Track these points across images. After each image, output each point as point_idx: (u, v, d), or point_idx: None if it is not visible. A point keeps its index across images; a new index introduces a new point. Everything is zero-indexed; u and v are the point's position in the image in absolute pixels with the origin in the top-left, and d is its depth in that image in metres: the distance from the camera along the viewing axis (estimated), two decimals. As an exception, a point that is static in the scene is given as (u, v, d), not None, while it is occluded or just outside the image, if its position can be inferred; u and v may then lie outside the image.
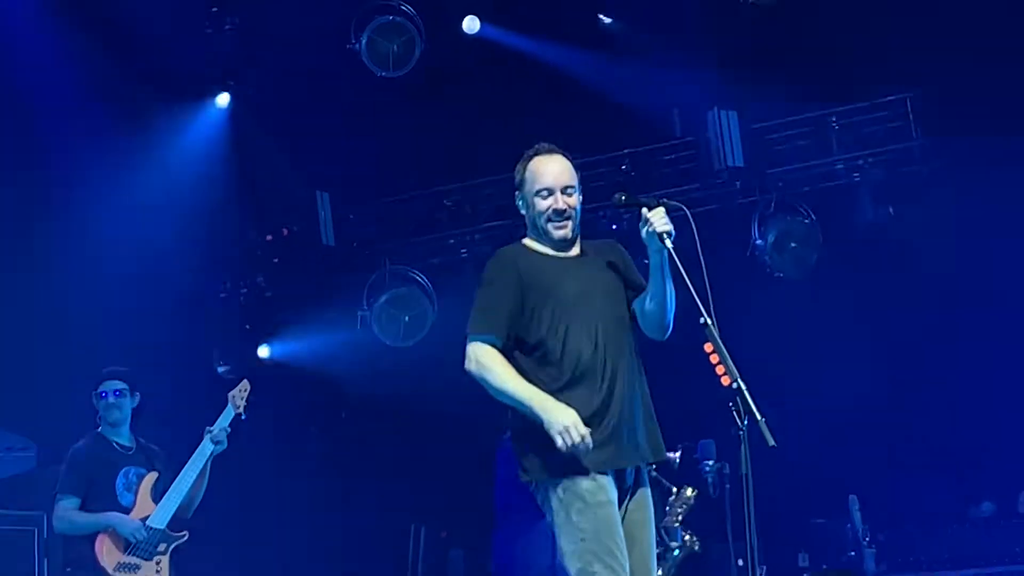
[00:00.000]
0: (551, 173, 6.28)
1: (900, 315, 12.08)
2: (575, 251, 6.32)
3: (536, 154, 6.36)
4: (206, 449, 8.80)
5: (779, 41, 11.34)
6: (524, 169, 6.34)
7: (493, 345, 6.05)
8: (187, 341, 12.91)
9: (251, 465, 11.00)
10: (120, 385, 8.88)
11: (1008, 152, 11.10)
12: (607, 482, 5.99)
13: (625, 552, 5.93)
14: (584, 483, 5.94)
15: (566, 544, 5.96)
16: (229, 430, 8.87)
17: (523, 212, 6.37)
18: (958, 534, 11.08)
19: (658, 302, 6.18)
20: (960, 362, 11.91)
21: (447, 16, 12.16)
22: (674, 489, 9.71)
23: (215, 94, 12.71)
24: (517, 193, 6.38)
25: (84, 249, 11.75)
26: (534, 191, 6.26)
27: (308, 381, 13.56)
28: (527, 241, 6.36)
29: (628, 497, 6.16)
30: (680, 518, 9.72)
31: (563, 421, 5.84)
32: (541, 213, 6.24)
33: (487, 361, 6.03)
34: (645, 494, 6.23)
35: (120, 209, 11.89)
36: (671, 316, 6.24)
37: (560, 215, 6.23)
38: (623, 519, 6.08)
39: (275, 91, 12.54)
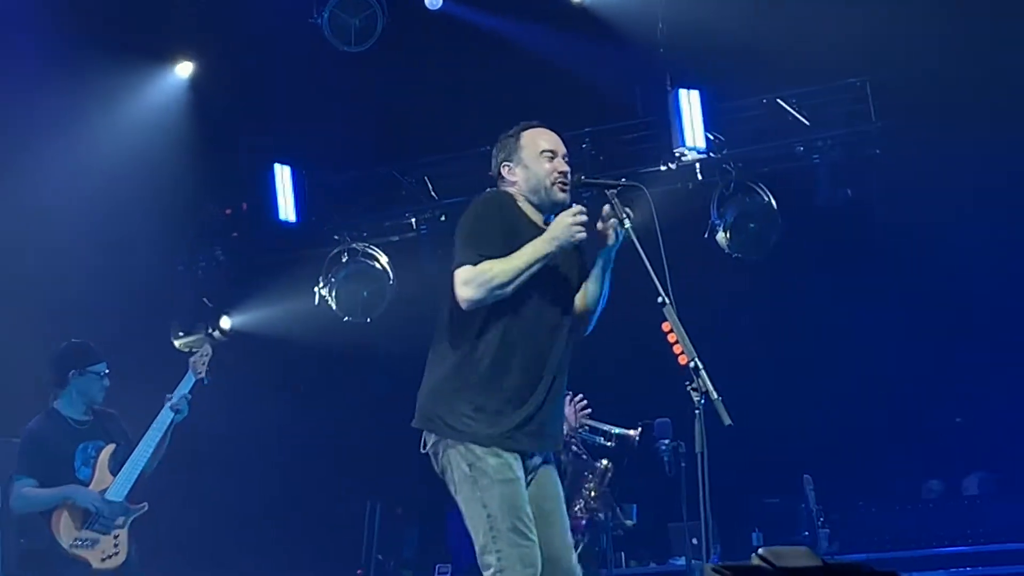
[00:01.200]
0: (551, 139, 6.36)
1: (856, 296, 12.13)
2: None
3: (527, 127, 6.39)
4: (166, 417, 8.74)
5: (741, 22, 11.34)
6: (517, 139, 6.35)
7: None
8: (145, 313, 12.85)
9: (206, 440, 10.96)
10: (106, 368, 8.85)
11: (963, 136, 11.15)
12: (513, 459, 6.02)
13: (533, 527, 5.98)
14: (491, 460, 5.98)
15: (471, 519, 6.02)
16: (190, 397, 8.81)
17: (515, 178, 6.33)
18: (910, 515, 11.15)
19: (593, 299, 6.30)
20: (915, 343, 11.99)
21: (410, -9, 12.12)
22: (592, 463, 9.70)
23: (176, 64, 12.63)
24: (507, 164, 6.35)
25: (38, 220, 11.64)
26: (537, 152, 6.28)
27: (265, 356, 13.52)
28: (518, 197, 6.34)
29: (535, 474, 6.21)
30: (593, 491, 9.70)
31: (568, 226, 5.92)
32: (548, 174, 6.25)
33: (481, 269, 5.95)
34: (551, 470, 6.29)
35: (77, 179, 11.80)
36: (596, 318, 6.34)
37: (564, 176, 6.25)
38: (534, 496, 6.14)
39: (236, 64, 12.49)
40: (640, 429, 9.49)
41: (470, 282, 5.95)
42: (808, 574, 2.46)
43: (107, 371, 8.81)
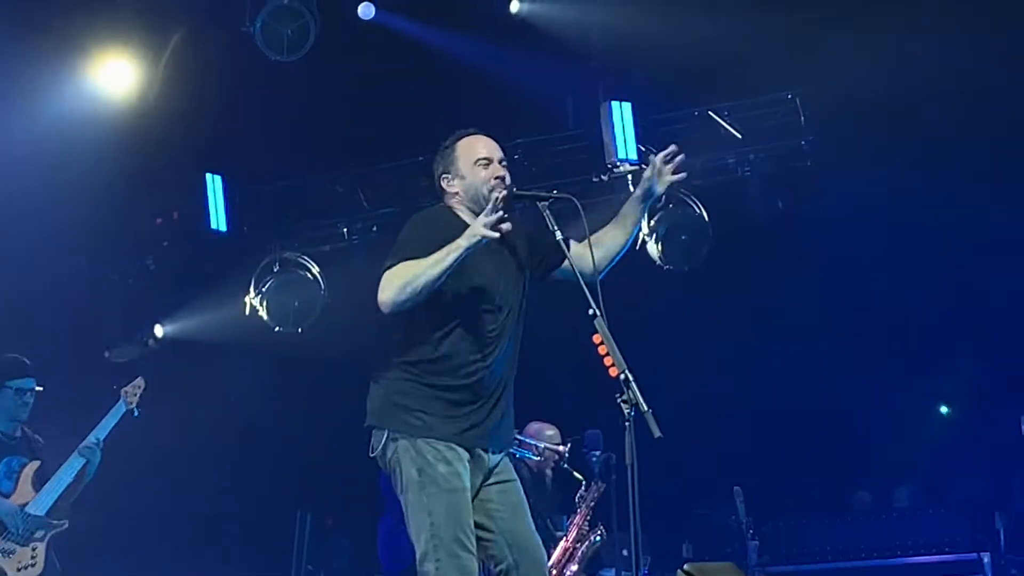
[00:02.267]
0: (486, 145, 6.36)
1: (787, 307, 12.21)
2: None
3: (461, 136, 6.39)
4: (76, 463, 8.70)
5: (673, 35, 11.39)
6: (452, 150, 6.36)
7: None
8: (73, 324, 12.76)
9: (137, 451, 10.88)
10: (34, 385, 8.78)
11: (893, 149, 11.26)
12: (463, 469, 6.04)
13: (473, 539, 6.01)
14: (441, 468, 5.99)
15: (414, 524, 6.03)
16: (99, 446, 8.77)
17: (454, 190, 6.33)
18: (839, 527, 11.21)
19: (619, 245, 6.48)
20: (845, 355, 12.08)
21: (342, 1, 12.08)
22: (583, 481, 9.76)
23: (106, 70, 12.49)
24: (445, 176, 6.35)
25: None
26: (472, 162, 6.28)
27: (194, 367, 13.44)
28: (455, 207, 6.34)
29: (496, 469, 6.23)
30: (591, 511, 9.79)
31: (478, 228, 5.86)
32: (484, 182, 6.25)
33: (398, 272, 5.94)
34: (508, 465, 6.31)
35: (3, 185, 11.68)
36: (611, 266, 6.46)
37: (502, 181, 6.24)
38: (499, 491, 6.18)
39: (168, 71, 12.40)
40: (568, 444, 9.52)
41: (386, 285, 5.93)
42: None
43: (31, 387, 8.73)
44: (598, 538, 9.82)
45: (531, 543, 6.21)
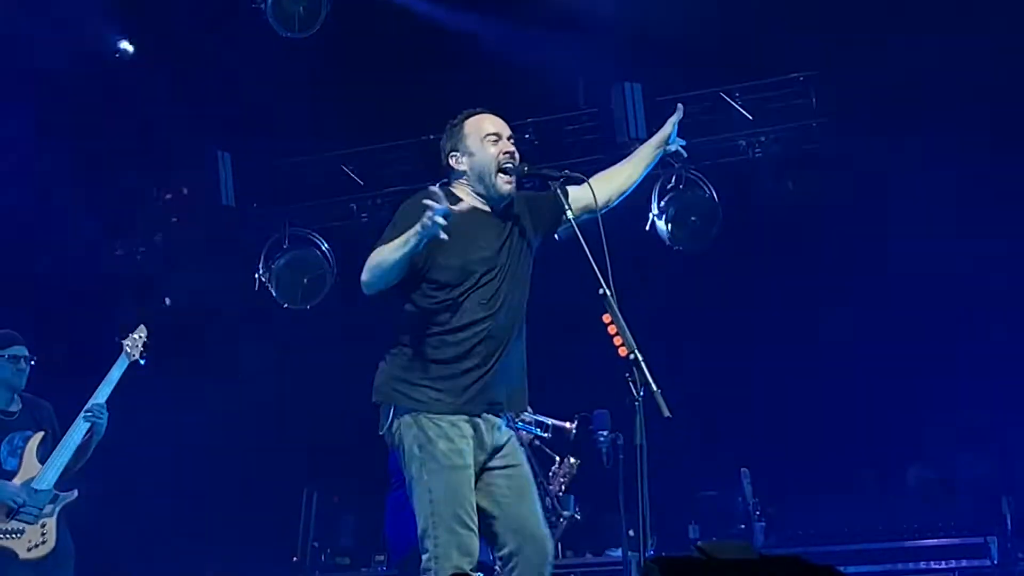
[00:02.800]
0: (494, 122, 6.38)
1: (796, 289, 12.19)
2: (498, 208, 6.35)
3: (469, 115, 6.40)
4: (82, 426, 8.61)
5: (685, 16, 11.36)
6: (461, 127, 6.37)
7: None
8: (82, 298, 12.76)
9: (144, 426, 10.91)
10: (26, 352, 8.75)
11: (903, 132, 11.24)
12: (465, 446, 6.05)
13: (474, 517, 6.02)
14: (442, 445, 6.01)
15: (415, 501, 6.06)
16: (104, 407, 8.69)
17: (462, 168, 6.34)
18: (846, 509, 11.21)
19: (630, 181, 6.62)
20: (856, 336, 12.05)
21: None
22: (557, 458, 9.75)
23: (118, 46, 12.50)
24: (454, 153, 6.36)
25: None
26: (481, 137, 6.29)
27: (204, 342, 13.45)
28: (457, 188, 6.34)
29: (499, 456, 6.24)
30: (564, 487, 9.77)
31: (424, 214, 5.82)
32: (493, 158, 6.25)
33: (372, 255, 6.01)
34: (516, 448, 6.32)
35: (13, 160, 11.68)
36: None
37: (512, 157, 6.25)
38: (505, 472, 6.18)
39: (179, 47, 12.39)
40: (576, 422, 9.51)
41: (364, 268, 6.02)
42: (744, 567, 2.46)
43: (24, 354, 8.69)
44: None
45: (537, 531, 6.22)
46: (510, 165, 6.24)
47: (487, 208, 6.31)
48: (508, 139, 6.34)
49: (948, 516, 10.79)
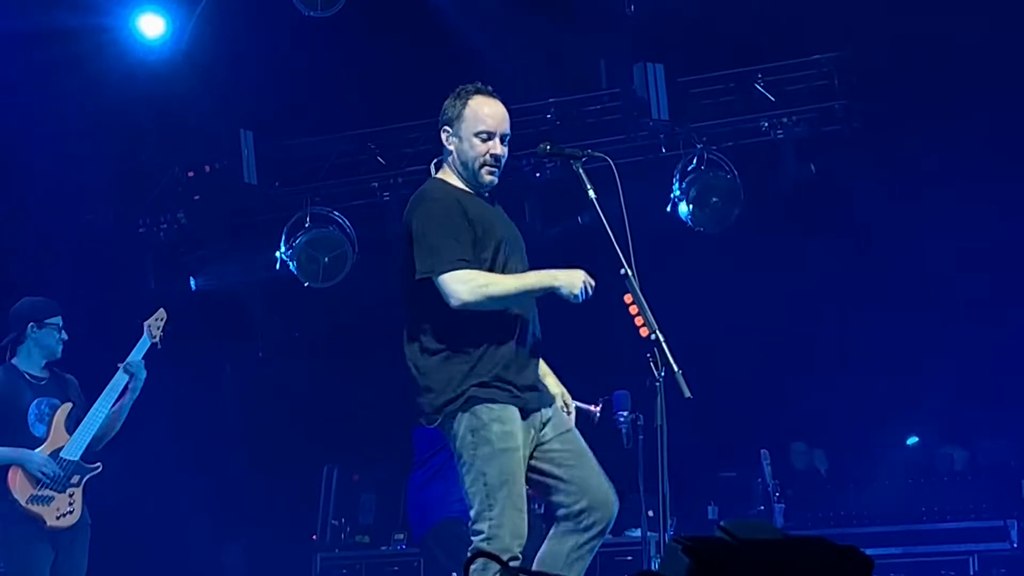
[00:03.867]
0: (494, 117, 6.30)
1: (817, 271, 12.19)
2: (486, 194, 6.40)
3: (476, 92, 6.35)
4: (119, 381, 8.72)
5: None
6: (463, 105, 6.32)
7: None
8: (104, 274, 12.79)
9: (165, 403, 10.93)
10: (62, 323, 8.83)
11: (926, 115, 11.23)
12: (518, 428, 6.06)
13: (525, 499, 6.03)
14: (495, 428, 6.02)
15: (469, 483, 6.07)
16: (143, 363, 8.80)
17: (450, 147, 6.35)
18: (864, 491, 11.21)
19: None
20: (880, 317, 12.05)
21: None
22: None
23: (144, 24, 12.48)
24: (447, 128, 6.36)
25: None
26: (474, 131, 6.26)
27: (225, 320, 13.49)
28: (446, 178, 6.36)
29: (550, 425, 6.27)
30: None
31: (579, 279, 5.97)
32: (477, 156, 6.24)
33: (481, 279, 6.03)
34: (561, 415, 6.36)
35: (39, 136, 11.70)
36: None
37: (496, 161, 6.25)
38: (559, 440, 6.23)
39: (203, 26, 12.39)
40: (600, 405, 9.52)
41: (459, 290, 6.01)
42: (768, 547, 2.47)
43: (61, 324, 8.79)
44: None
45: (603, 486, 6.27)
46: (494, 166, 6.25)
47: (474, 192, 6.33)
48: (501, 139, 6.31)
49: (968, 499, 10.79)
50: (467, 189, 6.31)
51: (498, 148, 6.27)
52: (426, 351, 6.19)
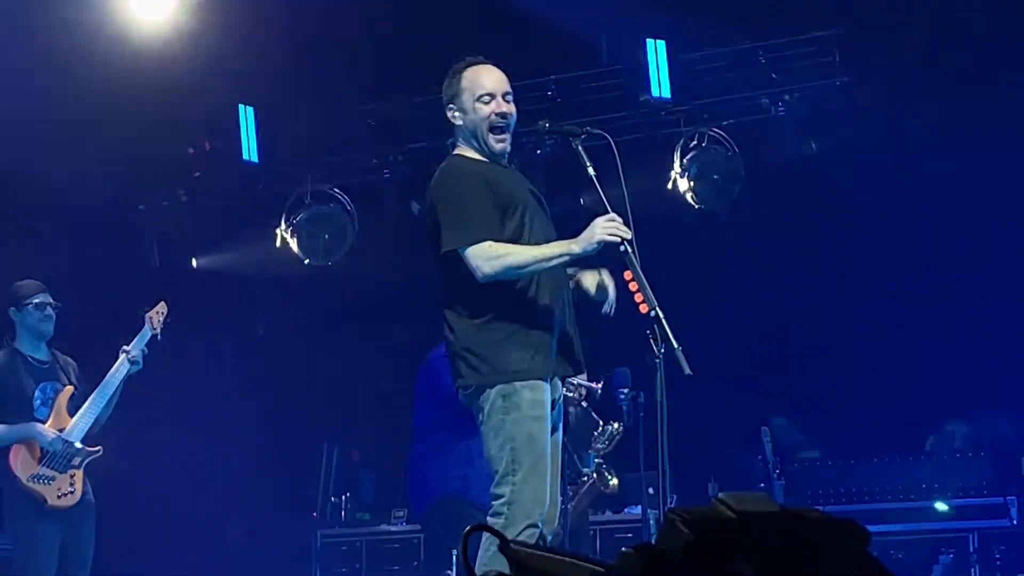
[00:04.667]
0: (491, 79, 6.34)
1: (817, 249, 12.17)
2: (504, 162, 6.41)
3: (468, 64, 6.38)
4: (122, 369, 8.76)
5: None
6: (459, 79, 6.36)
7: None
8: (103, 252, 12.78)
9: (166, 381, 10.93)
10: (51, 299, 8.83)
11: (928, 94, 11.20)
12: (546, 397, 6.09)
13: (549, 466, 6.06)
14: (526, 394, 6.05)
15: (493, 448, 6.10)
16: (146, 351, 8.85)
17: (459, 123, 6.36)
18: (865, 468, 11.20)
19: None
20: (880, 294, 12.03)
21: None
22: (600, 422, 9.82)
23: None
24: (451, 106, 6.39)
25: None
26: (475, 96, 6.28)
27: (225, 297, 13.49)
28: (463, 153, 6.37)
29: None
30: (603, 452, 9.86)
31: (596, 233, 5.99)
32: (484, 119, 6.26)
33: (500, 251, 6.08)
34: (561, 409, 6.38)
35: (38, 114, 11.66)
36: None
37: (503, 118, 6.25)
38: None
39: (202, 3, 12.35)
40: (601, 382, 9.53)
41: (483, 264, 6.06)
42: (767, 519, 2.46)
43: (49, 301, 8.79)
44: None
45: (556, 504, 6.30)
46: (501, 124, 6.25)
47: (493, 162, 6.35)
48: (504, 96, 6.33)
49: (967, 477, 10.78)
50: (485, 159, 6.32)
51: (503, 106, 6.30)
52: (463, 317, 6.25)
